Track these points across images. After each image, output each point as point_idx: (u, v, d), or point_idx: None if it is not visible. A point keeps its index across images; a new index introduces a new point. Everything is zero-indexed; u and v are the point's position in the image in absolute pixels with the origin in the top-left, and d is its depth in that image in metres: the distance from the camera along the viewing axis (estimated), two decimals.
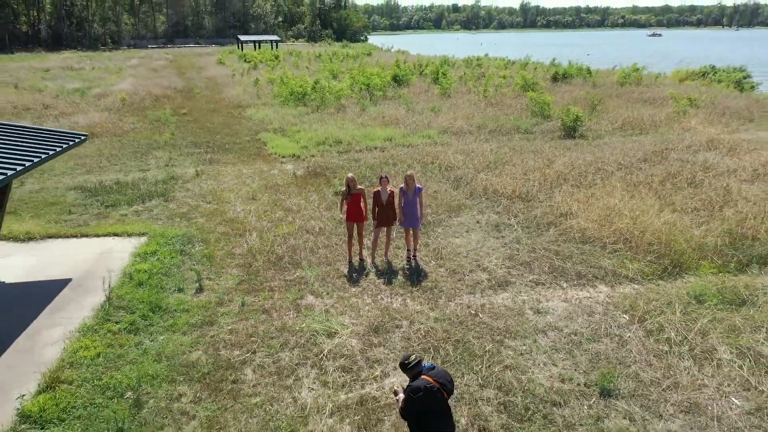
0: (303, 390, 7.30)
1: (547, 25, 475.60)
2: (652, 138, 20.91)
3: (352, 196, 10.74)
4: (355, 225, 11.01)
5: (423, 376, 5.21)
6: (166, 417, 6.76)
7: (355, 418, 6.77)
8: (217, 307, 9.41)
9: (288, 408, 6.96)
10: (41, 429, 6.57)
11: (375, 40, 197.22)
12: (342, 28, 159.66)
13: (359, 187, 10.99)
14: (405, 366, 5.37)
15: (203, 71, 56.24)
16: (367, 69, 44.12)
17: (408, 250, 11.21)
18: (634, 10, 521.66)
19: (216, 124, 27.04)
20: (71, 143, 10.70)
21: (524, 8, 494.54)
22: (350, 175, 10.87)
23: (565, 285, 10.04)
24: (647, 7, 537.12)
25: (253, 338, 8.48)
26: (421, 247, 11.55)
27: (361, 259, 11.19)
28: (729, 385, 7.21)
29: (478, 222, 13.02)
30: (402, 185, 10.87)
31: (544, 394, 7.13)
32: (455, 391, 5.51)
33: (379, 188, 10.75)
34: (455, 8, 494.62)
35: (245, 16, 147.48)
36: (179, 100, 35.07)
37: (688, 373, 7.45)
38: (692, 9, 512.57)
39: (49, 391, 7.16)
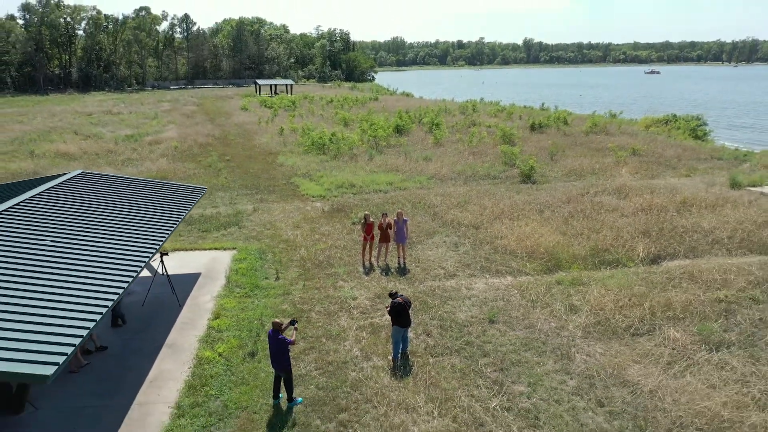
0: (341, 320, 14.65)
1: (550, 61, 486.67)
2: (583, 183, 28.38)
3: (367, 225, 18.20)
4: (367, 242, 18.44)
5: (398, 297, 12.57)
6: None
7: (368, 330, 14.10)
8: (289, 286, 16.81)
9: (335, 327, 14.31)
10: (220, 332, 13.94)
11: (382, 77, 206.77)
12: (350, 69, 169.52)
13: (371, 219, 18.42)
14: (390, 294, 12.73)
15: (231, 117, 64.36)
16: (373, 119, 52.11)
17: (399, 257, 18.60)
18: (635, 46, 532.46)
19: (256, 169, 34.71)
20: (199, 195, 18.24)
21: (527, 44, 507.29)
22: (366, 212, 18.39)
23: (487, 276, 17.40)
24: (648, 44, 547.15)
25: (312, 300, 15.86)
26: (407, 256, 18.93)
27: (370, 263, 18.58)
28: (552, 317, 14.51)
29: (444, 242, 20.43)
30: (395, 218, 18.35)
31: (461, 322, 14.44)
32: (413, 321, 12.82)
33: (381, 220, 18.20)
34: (460, 45, 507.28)
35: (260, 58, 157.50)
36: (220, 148, 42.91)
37: (535, 313, 14.76)
38: (692, 45, 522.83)
39: (217, 320, 14.56)
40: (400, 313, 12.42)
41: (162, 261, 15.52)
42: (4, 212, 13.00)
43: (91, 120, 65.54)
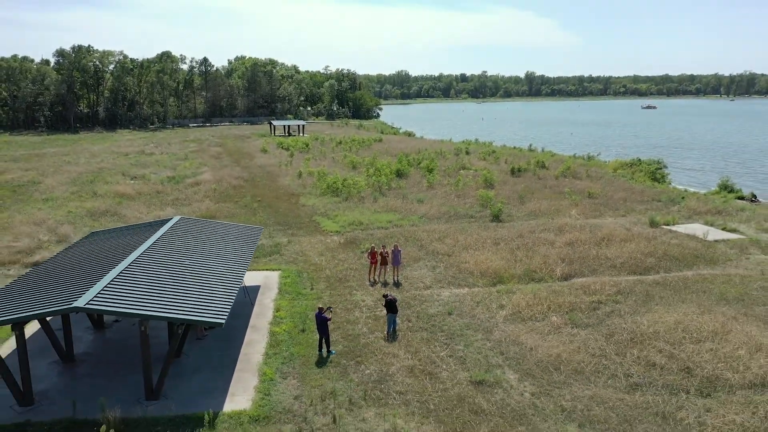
0: (355, 313, 23.36)
1: (552, 94, 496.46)
2: (536, 222, 37.15)
3: (372, 253, 27.01)
4: (372, 265, 27.22)
5: (389, 296, 21.32)
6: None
7: (372, 318, 22.79)
8: (321, 293, 25.57)
9: (351, 316, 23.01)
10: (281, 319, 22.67)
11: (387, 112, 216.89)
12: (357, 107, 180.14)
13: (375, 249, 27.23)
14: (384, 296, 21.49)
15: (254, 159, 73.62)
16: (378, 163, 61.21)
17: (394, 276, 27.36)
18: (635, 79, 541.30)
19: (283, 209, 43.63)
20: (260, 232, 27.08)
21: (529, 78, 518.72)
22: (372, 245, 27.29)
23: (452, 288, 26.09)
24: (648, 77, 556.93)
25: (336, 302, 24.57)
26: (399, 275, 27.62)
27: (374, 279, 27.29)
28: (488, 311, 23.15)
29: (426, 265, 29.17)
30: (392, 248, 27.21)
31: (430, 314, 23.09)
32: (400, 311, 21.60)
33: (382, 250, 27.02)
34: (463, 78, 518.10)
35: (272, 97, 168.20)
36: (251, 189, 51.99)
37: (478, 309, 23.41)
38: (691, 78, 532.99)
39: (278, 312, 23.30)
40: (391, 305, 21.15)
41: None
42: (150, 248, 21.78)
43: (130, 160, 74.79)
